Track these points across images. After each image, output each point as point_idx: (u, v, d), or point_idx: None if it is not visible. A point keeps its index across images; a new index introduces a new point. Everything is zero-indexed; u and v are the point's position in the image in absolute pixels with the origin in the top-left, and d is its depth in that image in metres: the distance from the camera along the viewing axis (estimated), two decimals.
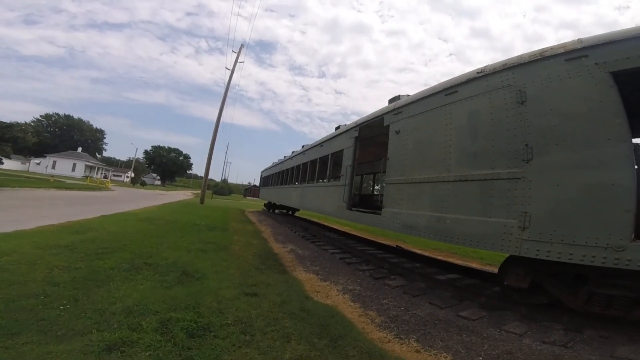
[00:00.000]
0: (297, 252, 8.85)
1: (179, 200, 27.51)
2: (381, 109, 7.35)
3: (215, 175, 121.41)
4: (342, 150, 8.81)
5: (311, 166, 11.79)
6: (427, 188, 5.34)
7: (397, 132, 6.32)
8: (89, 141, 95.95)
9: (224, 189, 68.13)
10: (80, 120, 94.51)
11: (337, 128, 10.36)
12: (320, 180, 11.14)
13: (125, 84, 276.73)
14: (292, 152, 16.40)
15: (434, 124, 5.47)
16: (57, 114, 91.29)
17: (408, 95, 6.89)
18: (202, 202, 25.38)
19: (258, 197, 70.17)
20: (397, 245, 10.97)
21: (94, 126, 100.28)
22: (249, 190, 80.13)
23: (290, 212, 22.99)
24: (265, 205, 25.96)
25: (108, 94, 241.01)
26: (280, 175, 18.20)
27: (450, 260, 9.25)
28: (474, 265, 9.04)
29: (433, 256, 9.43)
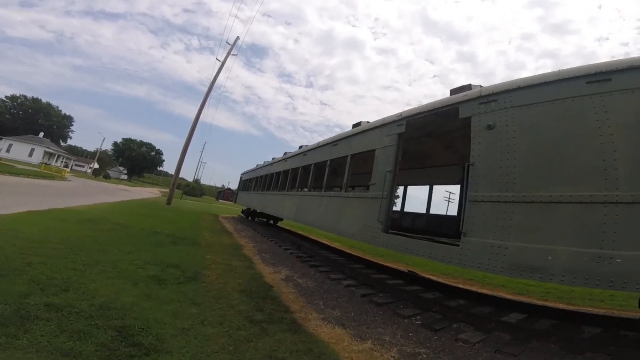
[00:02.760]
0: (296, 281, 6.43)
1: (142, 199, 24.11)
2: (449, 98, 5.29)
3: (187, 175, 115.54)
4: (372, 151, 6.54)
5: (316, 170, 9.37)
6: (569, 211, 3.20)
7: (490, 127, 4.19)
8: (54, 127, 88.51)
9: (195, 189, 63.75)
10: (48, 104, 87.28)
11: (355, 125, 8.10)
12: (334, 189, 8.61)
13: (109, 74, 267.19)
14: (285, 154, 13.93)
15: (570, 119, 3.42)
16: (25, 96, 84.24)
17: (481, 86, 4.95)
18: (169, 202, 22.17)
19: (231, 201, 67.09)
20: (409, 270, 8.84)
21: (63, 112, 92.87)
22: (222, 193, 76.55)
23: (271, 222, 20.33)
24: (243, 211, 23.10)
25: (88, 83, 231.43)
26: (265, 180, 15.57)
27: (501, 294, 7.07)
28: (554, 303, 6.96)
29: (475, 289, 7.11)
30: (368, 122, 7.87)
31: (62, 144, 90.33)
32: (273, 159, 16.28)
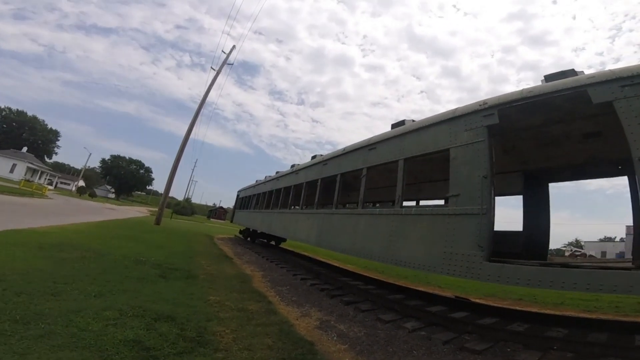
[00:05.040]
0: (337, 328, 4.66)
1: (128, 218, 21.87)
2: (574, 79, 3.92)
3: (178, 194, 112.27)
4: (443, 152, 4.87)
5: (344, 183, 7.56)
6: None
7: None
8: (39, 142, 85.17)
9: (186, 208, 60.94)
10: (34, 117, 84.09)
11: (395, 125, 6.44)
12: (363, 205, 6.71)
13: (99, 90, 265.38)
14: (293, 166, 12.14)
15: None
16: (9, 109, 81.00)
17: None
18: (157, 222, 19.99)
19: (223, 219, 64.68)
20: (455, 296, 7.30)
21: (49, 126, 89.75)
22: (214, 212, 73.95)
23: (272, 242, 18.29)
24: (241, 232, 20.95)
25: (77, 99, 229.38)
26: (271, 196, 13.61)
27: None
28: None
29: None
30: (413, 120, 6.23)
31: (47, 160, 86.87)
32: (277, 172, 14.47)
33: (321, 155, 9.86)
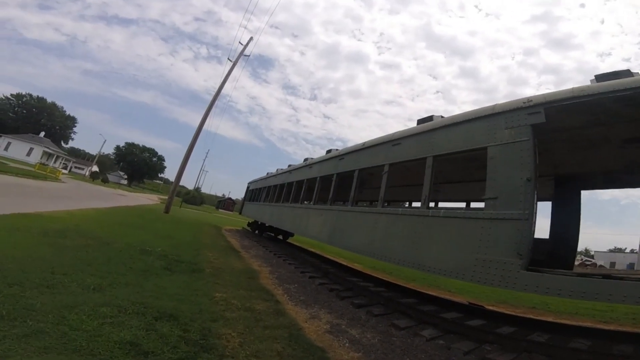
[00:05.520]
0: (349, 334, 4.44)
1: (138, 205, 21.89)
2: (634, 79, 3.52)
3: (189, 182, 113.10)
4: (479, 151, 4.48)
5: (361, 180, 7.15)
6: None
7: None
8: (57, 127, 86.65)
9: (195, 197, 61.32)
10: (53, 104, 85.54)
11: (422, 121, 6.03)
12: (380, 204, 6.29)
13: (117, 79, 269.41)
14: (306, 160, 11.78)
15: None
16: (30, 95, 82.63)
17: None
18: (167, 210, 19.95)
19: (231, 210, 64.90)
20: (469, 302, 7.01)
21: (67, 113, 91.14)
22: (223, 203, 74.37)
23: (280, 237, 18.06)
24: (249, 224, 20.78)
25: (96, 87, 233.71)
26: (282, 190, 13.26)
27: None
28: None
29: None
30: (442, 116, 5.79)
31: (63, 145, 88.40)
32: (289, 165, 14.15)
33: (336, 149, 9.48)
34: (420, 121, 6.14)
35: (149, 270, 5.22)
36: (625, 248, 61.83)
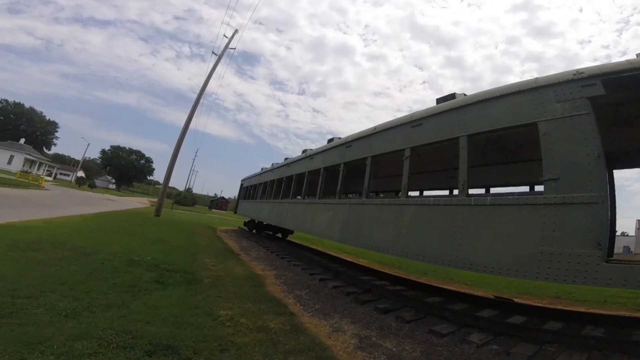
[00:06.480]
0: (384, 347, 3.78)
1: (127, 210, 20.83)
2: None
3: (179, 184, 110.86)
4: (530, 126, 3.80)
5: (374, 167, 6.33)
6: None
7: None
8: (38, 133, 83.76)
9: (187, 198, 59.82)
10: (31, 109, 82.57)
11: (441, 100, 5.31)
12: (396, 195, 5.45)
13: (97, 82, 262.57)
14: (304, 151, 10.98)
15: None
16: (6, 101, 79.59)
17: None
18: (157, 213, 18.95)
19: (225, 210, 63.81)
20: (495, 296, 6.56)
21: (47, 118, 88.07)
22: (216, 203, 73.22)
23: (279, 234, 17.28)
24: (246, 223, 19.90)
25: (76, 91, 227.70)
26: (280, 185, 12.39)
27: None
28: None
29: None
30: (465, 94, 5.07)
31: (46, 151, 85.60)
32: (286, 159, 13.33)
33: (339, 137, 8.70)
34: (440, 100, 5.39)
35: (137, 285, 4.38)
36: (616, 231, 62.86)
